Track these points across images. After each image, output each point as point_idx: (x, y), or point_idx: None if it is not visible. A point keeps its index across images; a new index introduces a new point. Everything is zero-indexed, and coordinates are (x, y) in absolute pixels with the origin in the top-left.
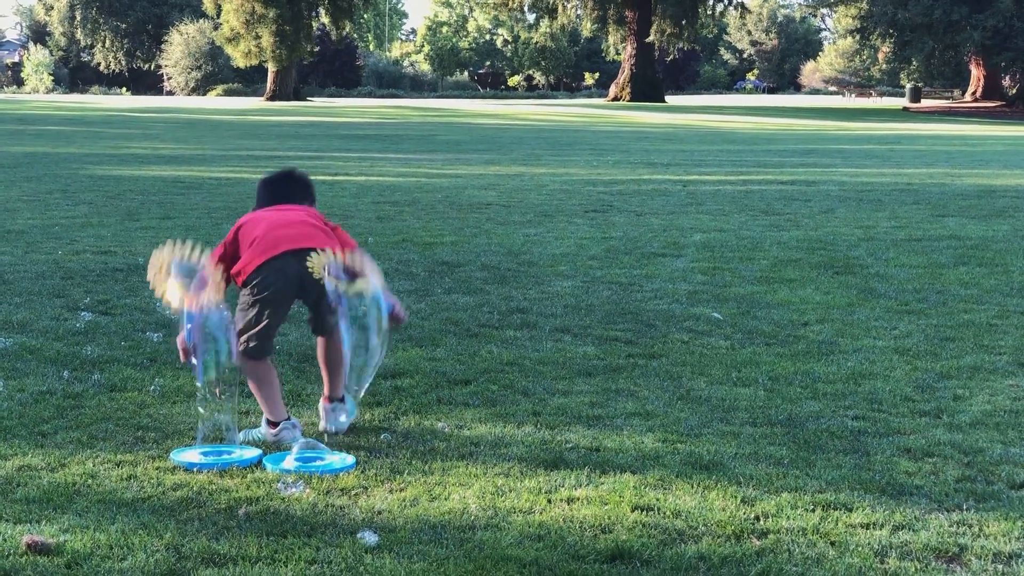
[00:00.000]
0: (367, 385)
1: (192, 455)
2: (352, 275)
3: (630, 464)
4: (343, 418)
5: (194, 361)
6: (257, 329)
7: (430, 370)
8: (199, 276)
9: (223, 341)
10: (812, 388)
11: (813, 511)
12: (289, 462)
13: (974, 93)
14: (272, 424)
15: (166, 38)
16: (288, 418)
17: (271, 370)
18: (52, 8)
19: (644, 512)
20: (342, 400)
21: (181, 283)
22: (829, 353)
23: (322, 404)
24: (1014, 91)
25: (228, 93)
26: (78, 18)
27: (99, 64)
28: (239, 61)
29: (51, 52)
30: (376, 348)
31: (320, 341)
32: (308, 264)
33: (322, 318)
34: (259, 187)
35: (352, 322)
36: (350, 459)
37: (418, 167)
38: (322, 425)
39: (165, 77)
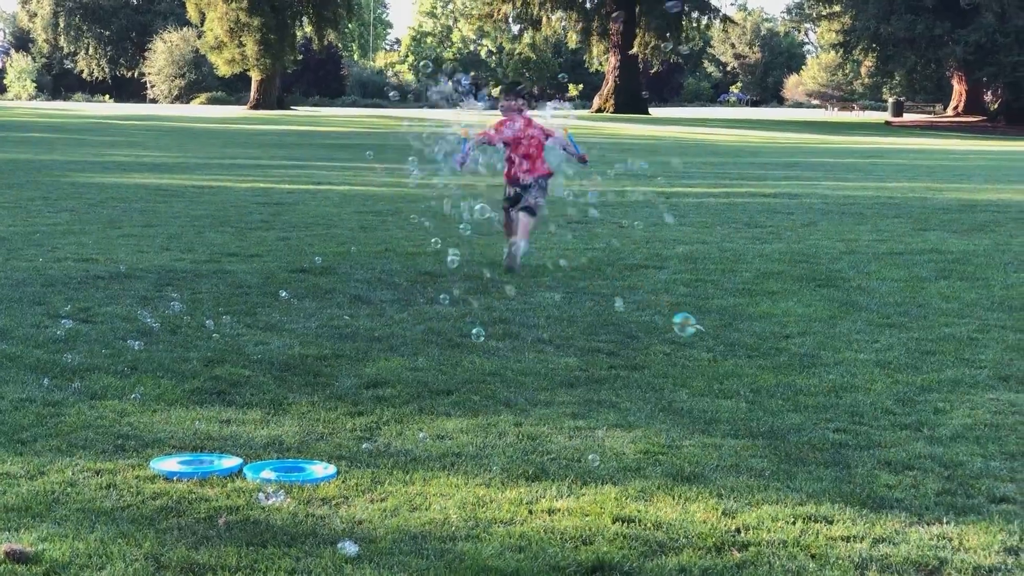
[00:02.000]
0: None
1: (172, 464)
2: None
3: (611, 475)
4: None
5: None
6: None
7: (412, 380)
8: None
9: None
10: (794, 400)
11: (794, 523)
12: (268, 472)
13: (956, 108)
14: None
15: (150, 46)
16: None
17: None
18: (35, 15)
19: (625, 524)
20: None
21: None
22: (811, 366)
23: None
24: (996, 106)
25: (211, 101)
26: (61, 25)
27: (82, 71)
28: (223, 69)
29: (34, 59)
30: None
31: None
32: None
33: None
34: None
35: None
36: (331, 469)
37: (402, 177)
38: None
39: (148, 85)
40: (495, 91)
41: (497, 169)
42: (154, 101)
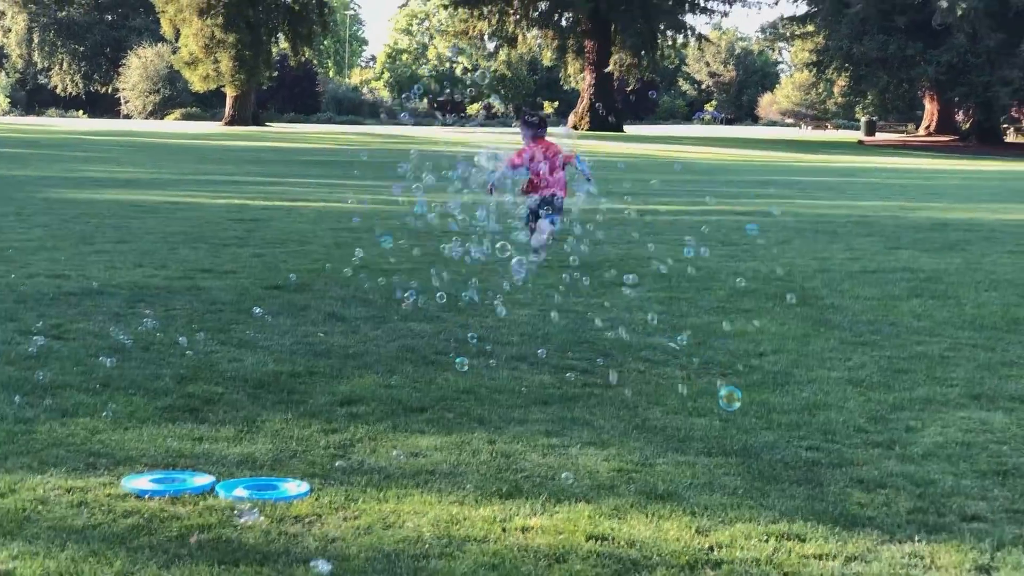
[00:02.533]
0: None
1: (143, 482)
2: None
3: (585, 493)
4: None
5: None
6: None
7: (386, 397)
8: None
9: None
10: (767, 418)
11: (767, 541)
12: (241, 490)
13: (928, 127)
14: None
15: (124, 61)
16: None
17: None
18: (10, 31)
19: (598, 542)
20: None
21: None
22: (784, 384)
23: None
24: (967, 126)
25: (186, 117)
26: (36, 41)
27: (56, 87)
28: (197, 85)
29: (7, 74)
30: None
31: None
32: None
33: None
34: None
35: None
36: (304, 486)
37: (377, 194)
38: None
39: (122, 100)
40: (472, 109)
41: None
42: (128, 117)
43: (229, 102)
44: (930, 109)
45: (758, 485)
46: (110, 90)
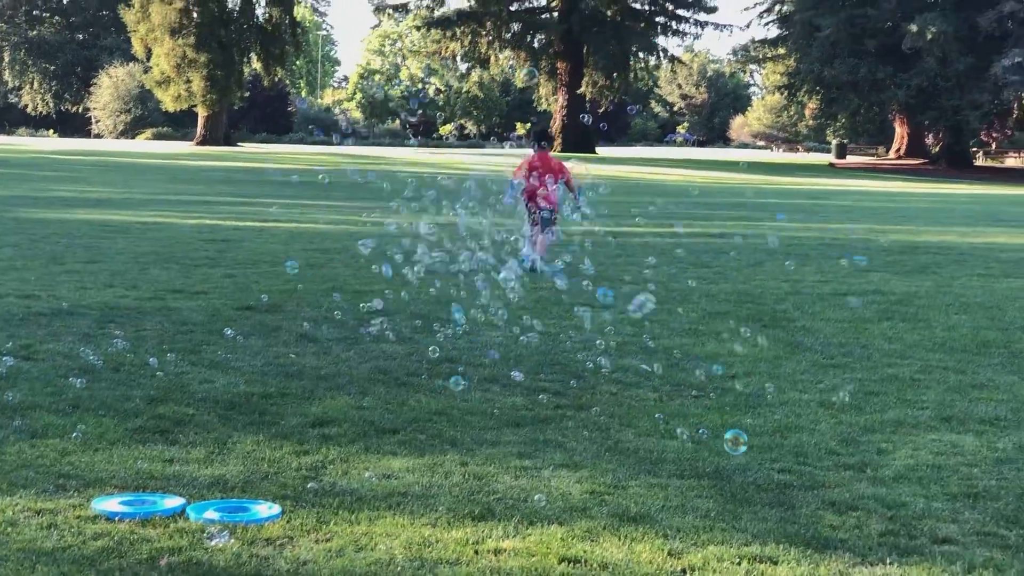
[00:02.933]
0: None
1: (113, 504)
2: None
3: (557, 515)
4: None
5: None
6: None
7: (358, 419)
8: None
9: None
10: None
11: (739, 564)
12: (212, 513)
13: (898, 150)
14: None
15: (95, 81)
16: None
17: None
18: None
19: (571, 564)
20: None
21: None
22: (756, 406)
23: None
24: (937, 149)
25: (157, 137)
26: (6, 59)
27: (27, 106)
28: (169, 105)
29: None
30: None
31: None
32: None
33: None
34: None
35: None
36: (276, 508)
37: (349, 215)
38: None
39: (93, 120)
40: (444, 130)
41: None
42: (99, 136)
43: (201, 122)
44: (900, 132)
45: (730, 507)
46: (81, 109)
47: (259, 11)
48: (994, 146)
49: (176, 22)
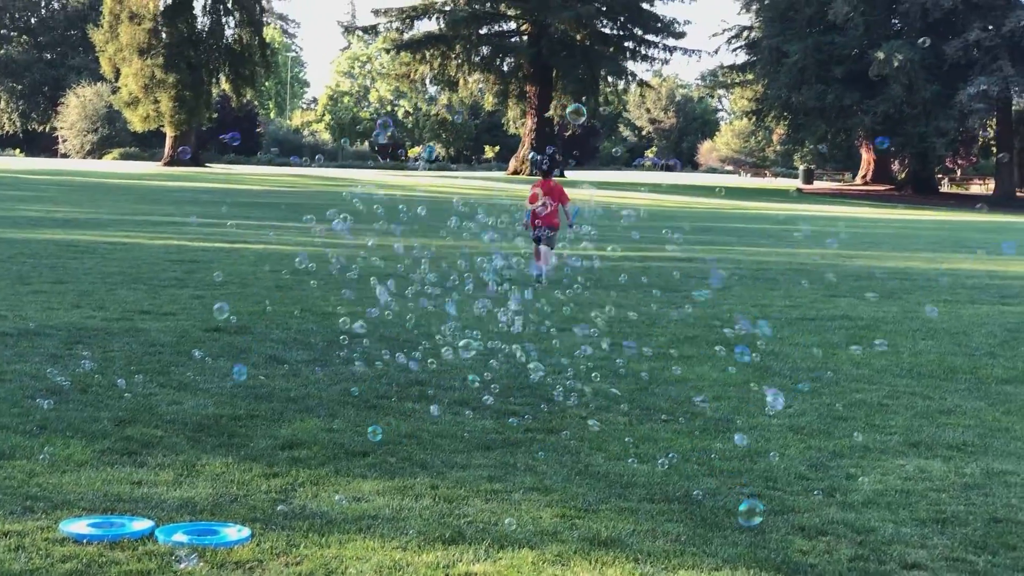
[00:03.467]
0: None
1: (81, 526)
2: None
3: (528, 539)
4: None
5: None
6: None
7: (328, 441)
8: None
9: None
10: (709, 465)
11: None
12: (181, 535)
13: (864, 176)
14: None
15: (62, 100)
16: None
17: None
18: None
19: None
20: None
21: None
22: (725, 430)
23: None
24: (903, 175)
25: (125, 157)
26: None
27: None
28: (137, 125)
29: None
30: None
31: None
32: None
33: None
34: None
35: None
36: (245, 531)
37: (317, 236)
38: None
39: (60, 139)
40: (413, 152)
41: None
42: (65, 156)
43: (169, 142)
44: (866, 158)
45: (701, 532)
46: (48, 129)
47: (228, 32)
48: (959, 173)
49: (145, 42)
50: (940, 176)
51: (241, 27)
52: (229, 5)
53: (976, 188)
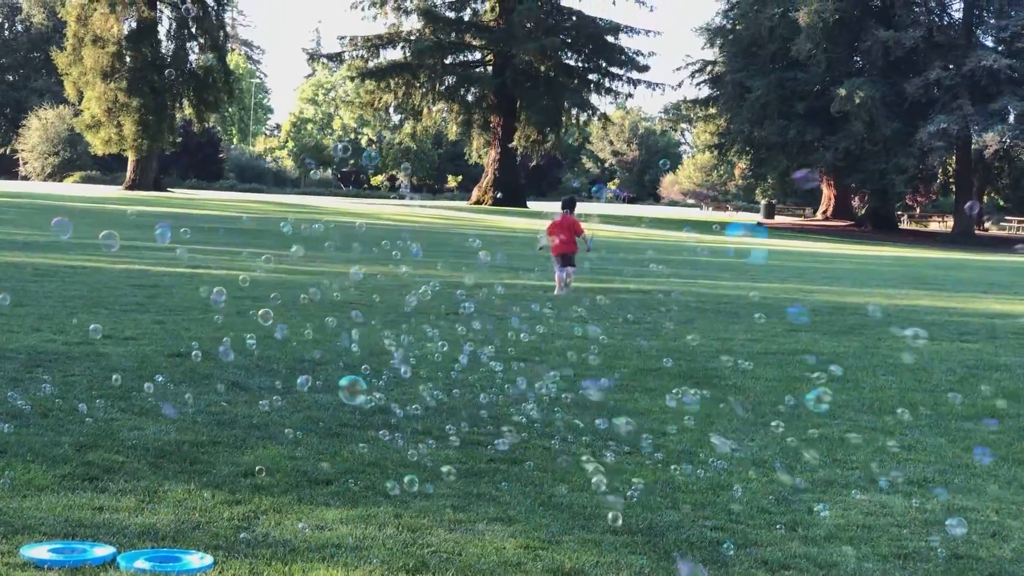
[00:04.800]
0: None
1: (42, 552)
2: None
3: (492, 570)
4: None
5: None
6: None
7: (291, 469)
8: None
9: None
10: (672, 497)
11: None
12: (142, 562)
13: (825, 212)
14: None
15: (24, 122)
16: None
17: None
18: None
19: None
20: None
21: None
22: (688, 463)
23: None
24: (862, 211)
25: (86, 180)
26: None
27: None
28: (99, 149)
29: None
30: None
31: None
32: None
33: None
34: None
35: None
36: (208, 559)
37: (279, 263)
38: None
39: (21, 161)
40: (376, 180)
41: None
42: (26, 178)
43: (131, 166)
44: (827, 194)
45: (664, 564)
46: (8, 151)
47: (192, 57)
48: (918, 210)
49: (108, 66)
50: (899, 213)
51: (205, 52)
52: (193, 30)
53: (934, 225)
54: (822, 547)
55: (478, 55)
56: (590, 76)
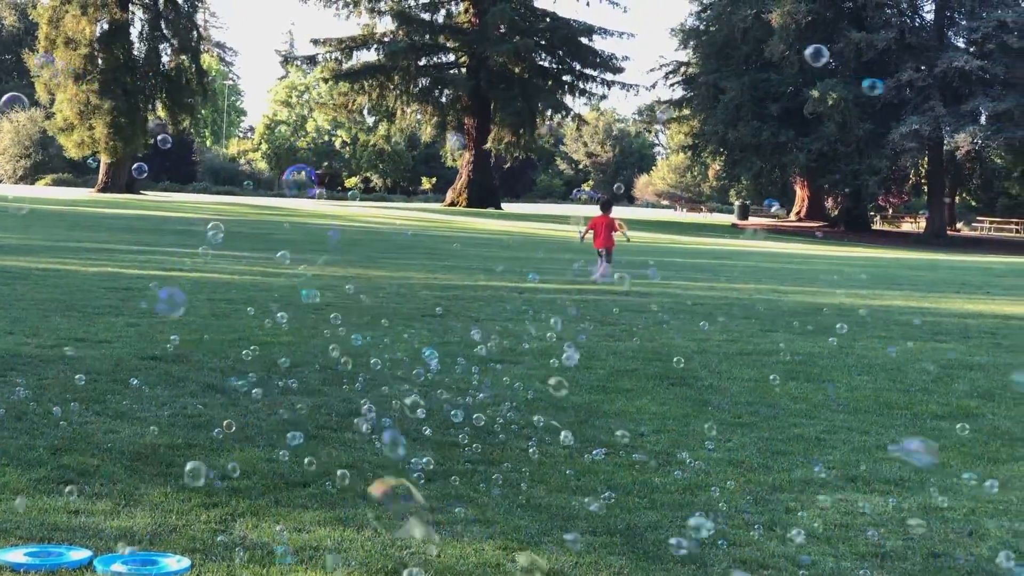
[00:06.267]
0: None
1: (18, 555)
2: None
3: (471, 571)
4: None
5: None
6: None
7: (268, 471)
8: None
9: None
10: (650, 498)
11: None
12: (119, 566)
13: (799, 212)
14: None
15: None
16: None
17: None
18: None
19: None
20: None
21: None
22: (666, 464)
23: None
24: (836, 212)
25: (58, 183)
26: None
27: None
28: (71, 152)
29: None
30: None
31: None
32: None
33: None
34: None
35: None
36: (185, 562)
37: (254, 265)
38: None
39: None
40: (350, 183)
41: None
42: None
43: (103, 169)
44: (801, 195)
45: (643, 565)
46: None
47: (165, 59)
48: (891, 211)
49: (80, 68)
50: (872, 214)
51: (178, 54)
52: (166, 32)
53: (907, 226)
54: (800, 547)
55: (452, 57)
56: (564, 77)
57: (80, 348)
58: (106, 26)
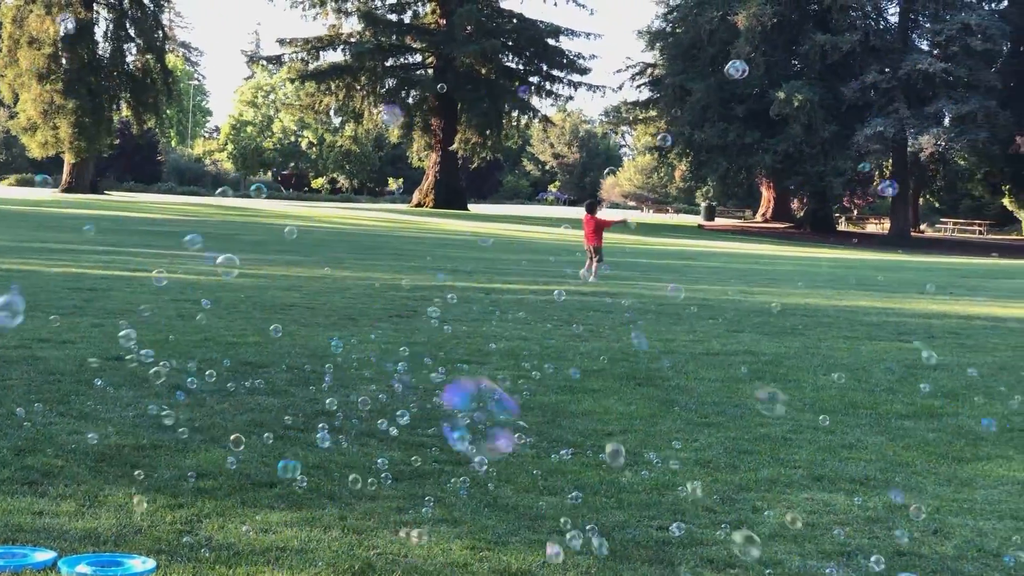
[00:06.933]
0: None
1: None
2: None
3: (438, 571)
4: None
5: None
6: None
7: (234, 472)
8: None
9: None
10: (617, 498)
11: None
12: (84, 567)
13: (764, 214)
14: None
15: None
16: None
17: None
18: None
19: None
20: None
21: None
22: (633, 463)
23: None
24: (801, 213)
25: (22, 183)
26: None
27: None
28: (35, 151)
29: None
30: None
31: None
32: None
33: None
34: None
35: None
36: (150, 563)
37: (216, 266)
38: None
39: None
40: (317, 183)
41: None
42: None
43: (67, 169)
44: (767, 196)
45: (611, 564)
46: None
47: (130, 59)
48: (856, 212)
49: (44, 67)
50: (837, 215)
51: (142, 54)
52: (131, 32)
53: (872, 227)
54: (767, 545)
55: (419, 57)
56: (531, 78)
57: (44, 349)
58: (70, 26)
